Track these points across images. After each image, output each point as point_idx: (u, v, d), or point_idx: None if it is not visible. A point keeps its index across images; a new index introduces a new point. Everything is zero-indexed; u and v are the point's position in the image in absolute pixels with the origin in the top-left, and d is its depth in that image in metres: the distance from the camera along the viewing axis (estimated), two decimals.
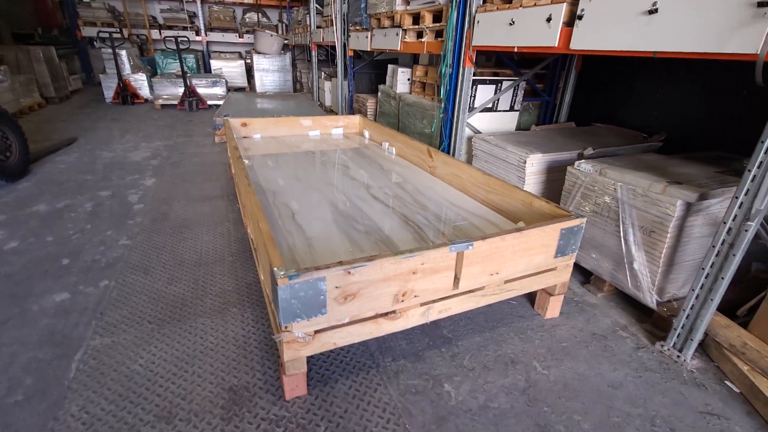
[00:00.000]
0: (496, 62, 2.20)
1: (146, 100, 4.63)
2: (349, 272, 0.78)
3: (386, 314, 0.88)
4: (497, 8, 1.51)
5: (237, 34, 6.48)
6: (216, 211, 1.79)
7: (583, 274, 1.39)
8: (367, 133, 2.34)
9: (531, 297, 1.25)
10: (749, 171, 0.84)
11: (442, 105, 1.91)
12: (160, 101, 4.33)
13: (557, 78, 2.15)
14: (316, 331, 0.81)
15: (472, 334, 1.09)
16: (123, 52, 4.40)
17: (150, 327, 1.06)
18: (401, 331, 1.06)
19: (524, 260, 1.00)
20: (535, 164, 1.52)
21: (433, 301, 0.93)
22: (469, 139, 1.93)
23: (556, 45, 1.27)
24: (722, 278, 0.91)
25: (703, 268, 0.94)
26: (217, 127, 2.99)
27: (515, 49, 1.45)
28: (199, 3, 6.20)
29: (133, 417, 0.81)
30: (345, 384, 0.91)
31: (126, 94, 4.42)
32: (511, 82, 1.95)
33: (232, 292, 1.22)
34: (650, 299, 1.11)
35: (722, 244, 0.90)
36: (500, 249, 0.94)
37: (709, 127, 1.60)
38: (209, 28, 6.34)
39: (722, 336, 1.00)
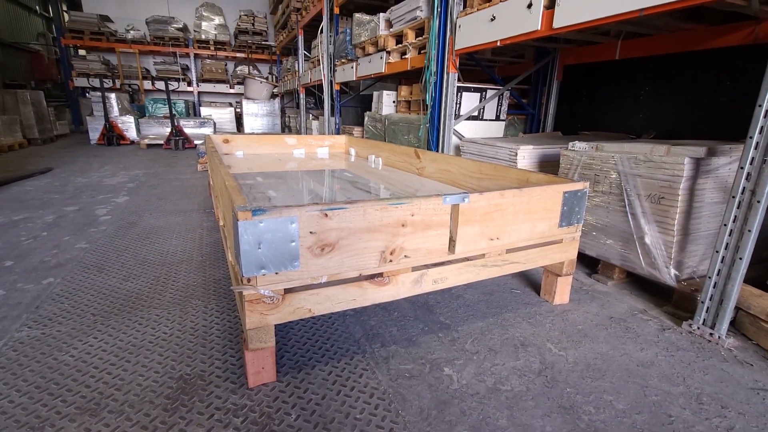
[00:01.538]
0: (479, 81, 2.24)
1: (132, 142, 4.61)
2: (326, 215, 0.66)
3: (372, 277, 0.74)
4: (477, 9, 1.53)
5: (228, 85, 6.71)
6: (189, 221, 1.66)
7: (589, 266, 1.28)
8: (353, 151, 2.29)
9: (536, 286, 1.12)
10: (760, 106, 0.77)
11: (428, 113, 1.89)
12: (146, 141, 4.31)
13: (539, 91, 2.17)
14: (287, 291, 0.67)
15: (473, 320, 0.94)
16: (112, 95, 4.46)
17: (92, 319, 0.89)
18: (390, 317, 0.92)
19: (527, 226, 0.89)
20: (526, 156, 1.46)
21: (427, 266, 0.80)
22: (457, 147, 1.89)
23: (539, 28, 1.26)
24: (749, 231, 0.81)
25: (725, 224, 0.84)
26: (200, 155, 2.93)
27: (498, 43, 1.45)
28: (192, 57, 6.47)
29: (48, 410, 0.63)
30: (324, 370, 0.75)
31: (112, 135, 4.40)
32: (495, 91, 1.96)
33: (197, 286, 1.06)
34: (668, 275, 1.00)
35: (743, 192, 0.81)
36: (500, 207, 0.83)
37: (696, 121, 1.59)
38: (201, 80, 6.56)
39: (757, 306, 0.87)
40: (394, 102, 2.59)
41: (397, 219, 0.72)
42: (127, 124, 4.57)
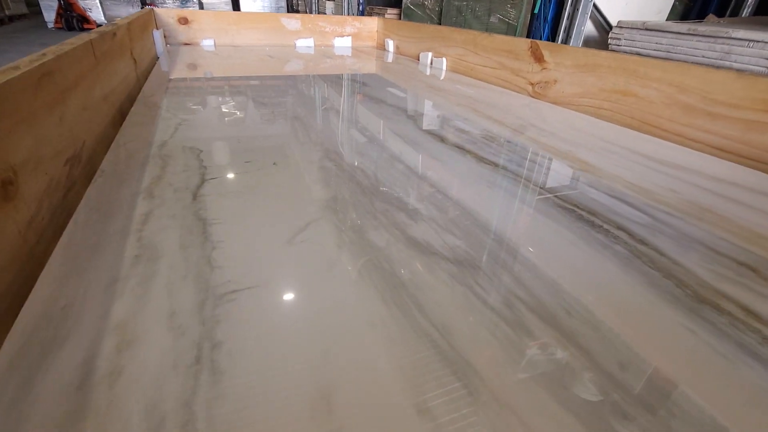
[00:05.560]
0: None
1: (99, 26, 3.64)
2: None
3: None
4: None
5: None
6: None
7: None
8: (391, 44, 1.42)
9: None
10: None
11: None
12: None
13: None
14: None
15: None
16: None
17: None
18: None
19: None
20: None
21: None
22: (587, 43, 1.03)
23: None
24: None
25: None
26: None
27: None
28: None
29: None
30: None
31: (71, 17, 3.43)
32: None
33: None
34: None
35: None
36: None
37: None
38: None
39: None
40: None
41: None
42: (90, 2, 3.55)
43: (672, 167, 0.49)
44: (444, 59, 1.13)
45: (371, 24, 1.52)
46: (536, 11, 1.02)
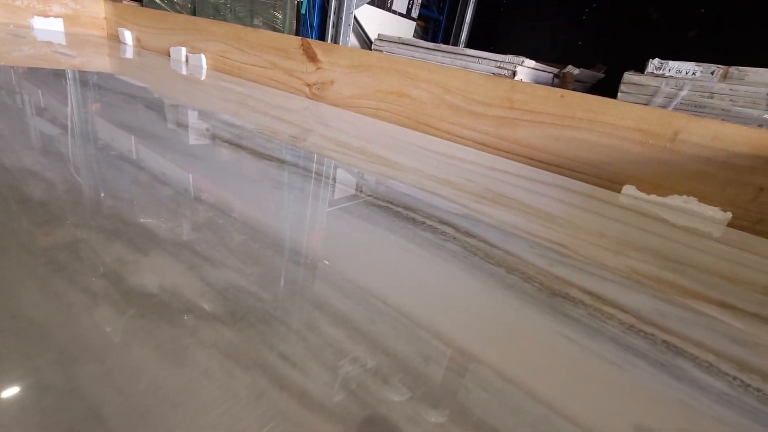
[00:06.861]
0: None
1: None
2: None
3: None
4: None
5: None
6: None
7: None
8: (128, 36, 1.11)
9: None
10: None
11: None
12: None
13: None
14: None
15: None
16: None
17: None
18: None
19: None
20: (524, 79, 0.80)
21: None
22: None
23: None
24: None
25: None
26: None
27: None
28: None
29: None
30: None
31: None
32: None
33: None
34: None
35: None
36: None
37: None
38: None
39: None
40: None
41: None
42: None
43: (457, 160, 0.49)
44: (203, 56, 0.94)
45: (94, 7, 1.15)
46: (303, 12, 0.97)
